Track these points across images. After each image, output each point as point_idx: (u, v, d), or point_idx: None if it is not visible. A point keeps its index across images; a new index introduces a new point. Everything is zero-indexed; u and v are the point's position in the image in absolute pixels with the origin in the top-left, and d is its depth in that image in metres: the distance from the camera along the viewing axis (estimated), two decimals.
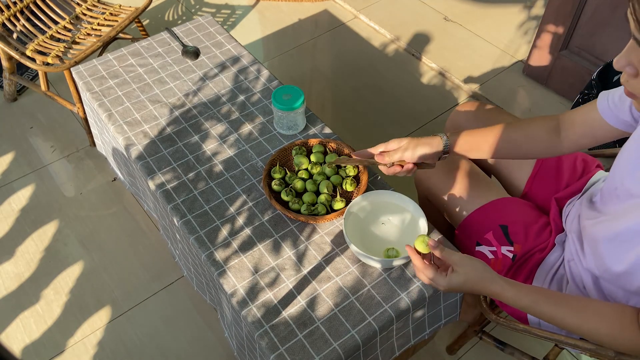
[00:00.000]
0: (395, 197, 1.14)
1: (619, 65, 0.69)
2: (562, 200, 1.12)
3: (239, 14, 2.53)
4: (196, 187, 1.23)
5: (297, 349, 0.98)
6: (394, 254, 1.07)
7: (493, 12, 2.48)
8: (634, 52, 0.67)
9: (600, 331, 0.80)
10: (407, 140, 1.04)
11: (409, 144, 1.03)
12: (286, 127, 1.33)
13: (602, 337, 0.80)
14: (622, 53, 0.69)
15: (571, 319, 0.82)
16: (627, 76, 0.70)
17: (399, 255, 1.07)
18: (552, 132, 1.00)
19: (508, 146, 1.02)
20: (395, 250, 1.07)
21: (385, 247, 1.09)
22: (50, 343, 1.46)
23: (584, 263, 0.94)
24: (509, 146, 1.02)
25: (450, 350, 1.41)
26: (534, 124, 1.02)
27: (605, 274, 0.88)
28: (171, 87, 1.47)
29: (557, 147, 1.01)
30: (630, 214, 0.81)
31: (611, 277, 0.87)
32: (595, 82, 1.72)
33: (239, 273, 1.08)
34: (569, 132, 0.99)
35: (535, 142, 1.02)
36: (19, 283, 1.58)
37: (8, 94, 2.07)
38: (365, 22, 2.46)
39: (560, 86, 2.06)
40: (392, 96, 2.12)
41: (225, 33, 1.64)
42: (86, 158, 1.91)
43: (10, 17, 1.83)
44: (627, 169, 0.85)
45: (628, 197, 0.83)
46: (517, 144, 1.02)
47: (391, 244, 1.10)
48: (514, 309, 1.06)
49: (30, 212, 1.75)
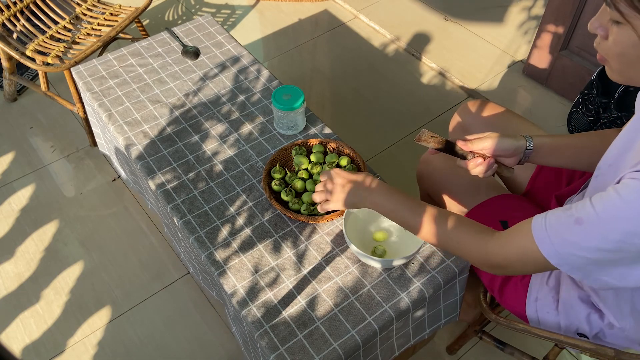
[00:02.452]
0: None
1: (592, 27, 0.72)
2: (562, 197, 1.12)
3: (239, 14, 2.53)
4: (196, 187, 1.23)
5: (297, 349, 0.98)
6: (381, 253, 1.08)
7: (493, 12, 2.48)
8: (604, 14, 0.70)
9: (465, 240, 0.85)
10: (490, 132, 1.00)
11: (492, 134, 0.98)
12: (286, 127, 1.33)
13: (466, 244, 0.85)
14: (595, 17, 0.72)
15: (440, 227, 0.87)
16: (599, 38, 0.73)
17: (385, 254, 1.07)
18: None
19: (588, 152, 0.99)
20: (383, 249, 1.08)
21: (386, 247, 1.09)
22: (50, 343, 1.46)
23: None
24: (589, 152, 0.99)
25: (450, 350, 1.41)
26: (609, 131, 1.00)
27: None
28: (171, 87, 1.47)
29: None
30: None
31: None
32: (595, 82, 1.72)
33: (239, 273, 1.08)
34: None
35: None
36: (19, 283, 1.58)
37: (8, 94, 2.07)
38: (365, 22, 2.46)
39: (560, 86, 2.06)
40: (392, 96, 2.12)
41: (225, 33, 1.64)
42: (86, 158, 1.91)
43: (10, 17, 1.83)
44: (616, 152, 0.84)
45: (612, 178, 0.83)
46: (596, 150, 0.99)
47: (391, 243, 1.10)
48: (514, 307, 1.06)
49: (30, 212, 1.75)
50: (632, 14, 0.65)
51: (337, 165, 1.25)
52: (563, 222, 0.72)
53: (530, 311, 1.03)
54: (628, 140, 0.81)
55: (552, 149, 0.99)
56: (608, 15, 0.69)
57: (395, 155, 1.90)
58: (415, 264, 1.09)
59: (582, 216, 0.70)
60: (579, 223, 0.70)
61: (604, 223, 0.68)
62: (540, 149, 0.98)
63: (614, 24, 0.69)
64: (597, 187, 0.87)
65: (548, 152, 0.99)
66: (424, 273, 1.07)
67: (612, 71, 0.75)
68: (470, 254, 0.85)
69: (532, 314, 1.03)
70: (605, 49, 0.72)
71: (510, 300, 1.06)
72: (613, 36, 0.70)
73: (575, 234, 0.70)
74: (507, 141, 0.97)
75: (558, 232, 0.72)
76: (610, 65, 0.74)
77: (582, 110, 1.82)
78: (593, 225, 0.69)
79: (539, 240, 0.74)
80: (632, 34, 0.67)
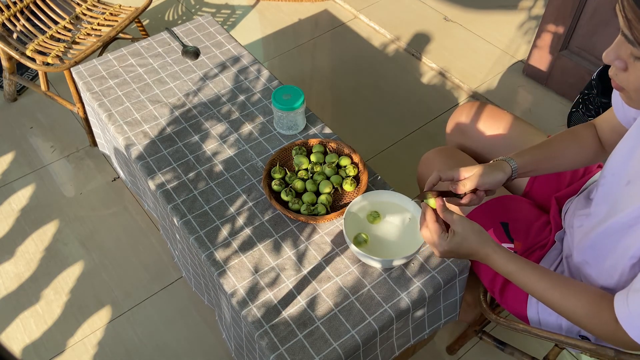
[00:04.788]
0: (396, 197, 1.14)
1: (608, 59, 0.71)
2: (562, 199, 1.12)
3: (239, 14, 2.53)
4: (196, 187, 1.23)
5: (297, 349, 0.98)
6: (363, 240, 1.08)
7: (493, 12, 2.48)
8: (623, 47, 0.68)
9: (578, 310, 0.81)
10: (477, 167, 0.97)
11: (483, 171, 0.96)
12: (286, 127, 1.33)
13: (580, 316, 0.82)
14: (611, 47, 0.70)
15: (552, 293, 0.83)
16: (616, 70, 0.71)
17: (367, 242, 1.08)
18: (597, 138, 1.01)
19: (564, 158, 1.01)
20: (364, 237, 1.08)
21: (386, 247, 1.09)
22: (50, 343, 1.46)
23: (576, 258, 0.95)
24: (565, 158, 1.01)
25: (450, 350, 1.41)
26: (583, 132, 1.01)
27: (595, 268, 0.89)
28: (171, 87, 1.47)
29: (604, 152, 1.01)
30: (617, 206, 0.82)
31: (600, 270, 0.88)
32: (595, 82, 1.72)
33: (239, 273, 1.08)
34: (605, 136, 1.00)
35: (587, 151, 1.01)
36: (19, 283, 1.58)
37: (8, 94, 2.07)
38: (365, 22, 2.46)
39: (560, 86, 2.06)
40: (392, 96, 2.12)
41: (225, 33, 1.64)
42: (86, 158, 1.91)
43: (10, 17, 1.83)
44: (619, 160, 0.85)
45: (617, 187, 0.84)
46: (573, 155, 1.01)
47: (391, 243, 1.10)
48: (515, 308, 1.06)
49: (30, 212, 1.75)
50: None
51: (338, 166, 1.24)
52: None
53: (531, 312, 1.03)
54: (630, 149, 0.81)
55: (532, 166, 1.00)
56: (628, 50, 0.67)
57: (395, 155, 1.90)
58: (415, 264, 1.09)
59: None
60: None
61: None
62: (523, 168, 0.99)
63: (635, 59, 0.67)
64: (605, 195, 0.88)
65: (530, 169, 1.00)
66: (424, 273, 1.07)
67: (630, 100, 0.74)
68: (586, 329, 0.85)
69: (534, 315, 1.03)
70: (624, 81, 0.71)
71: (512, 301, 1.06)
72: (635, 72, 0.69)
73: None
74: (495, 175, 0.96)
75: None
76: (629, 95, 0.73)
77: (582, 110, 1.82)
78: None
79: (628, 328, 0.74)
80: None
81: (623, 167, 0.82)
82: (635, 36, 0.65)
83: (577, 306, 0.81)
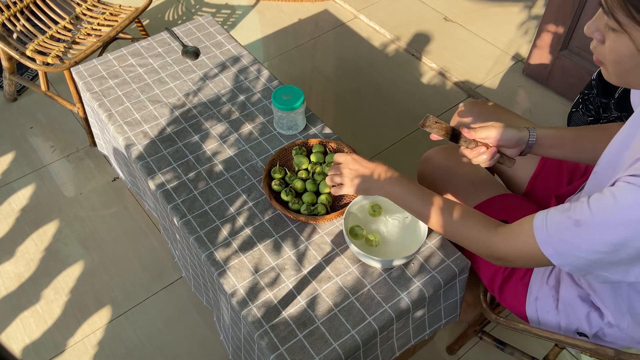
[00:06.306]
0: None
1: (589, 32, 0.72)
2: (562, 197, 1.12)
3: (239, 14, 2.53)
4: (196, 187, 1.23)
5: (297, 349, 0.97)
6: (362, 233, 1.10)
7: (493, 12, 2.48)
8: (601, 19, 0.69)
9: (478, 223, 0.87)
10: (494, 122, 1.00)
11: (496, 123, 0.98)
12: (286, 127, 1.33)
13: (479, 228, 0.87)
14: (592, 20, 0.71)
15: (451, 213, 0.90)
16: (596, 42, 0.72)
17: (377, 240, 1.09)
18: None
19: (591, 145, 0.98)
20: (371, 237, 1.09)
21: (386, 247, 1.09)
22: (50, 343, 1.46)
23: None
24: (592, 145, 0.98)
25: (450, 350, 1.41)
26: (615, 128, 1.00)
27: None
28: (171, 87, 1.47)
29: None
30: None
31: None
32: (595, 82, 1.72)
33: (239, 273, 1.08)
34: None
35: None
36: (19, 283, 1.58)
37: (8, 94, 2.07)
38: (365, 22, 2.46)
39: (560, 86, 2.06)
40: (392, 96, 2.12)
41: (225, 33, 1.64)
42: (86, 158, 1.91)
43: (10, 17, 1.83)
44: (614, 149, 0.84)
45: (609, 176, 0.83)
46: (600, 143, 0.98)
47: (391, 243, 1.10)
48: (514, 307, 1.06)
49: (30, 212, 1.75)
50: (630, 24, 0.64)
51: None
52: (563, 224, 0.72)
53: (530, 311, 1.03)
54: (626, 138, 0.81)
55: (555, 141, 0.99)
56: (605, 21, 0.68)
57: (395, 155, 1.90)
58: (415, 264, 1.09)
59: (580, 218, 0.70)
60: (578, 225, 0.70)
61: (600, 227, 0.68)
62: (543, 140, 0.99)
63: (610, 30, 0.68)
64: (594, 184, 0.87)
65: (551, 144, 0.99)
66: (424, 273, 1.07)
67: (609, 74, 0.74)
68: (475, 247, 0.87)
69: (532, 313, 1.03)
70: (601, 53, 0.72)
71: (510, 299, 1.06)
72: (610, 43, 0.69)
73: (574, 235, 0.70)
74: (511, 131, 0.97)
75: (558, 233, 0.73)
76: (607, 68, 0.73)
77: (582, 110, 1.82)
78: (590, 228, 0.69)
79: (540, 241, 0.74)
80: (630, 43, 0.66)
81: (618, 157, 0.82)
82: (609, 6, 0.65)
83: (478, 218, 0.88)
